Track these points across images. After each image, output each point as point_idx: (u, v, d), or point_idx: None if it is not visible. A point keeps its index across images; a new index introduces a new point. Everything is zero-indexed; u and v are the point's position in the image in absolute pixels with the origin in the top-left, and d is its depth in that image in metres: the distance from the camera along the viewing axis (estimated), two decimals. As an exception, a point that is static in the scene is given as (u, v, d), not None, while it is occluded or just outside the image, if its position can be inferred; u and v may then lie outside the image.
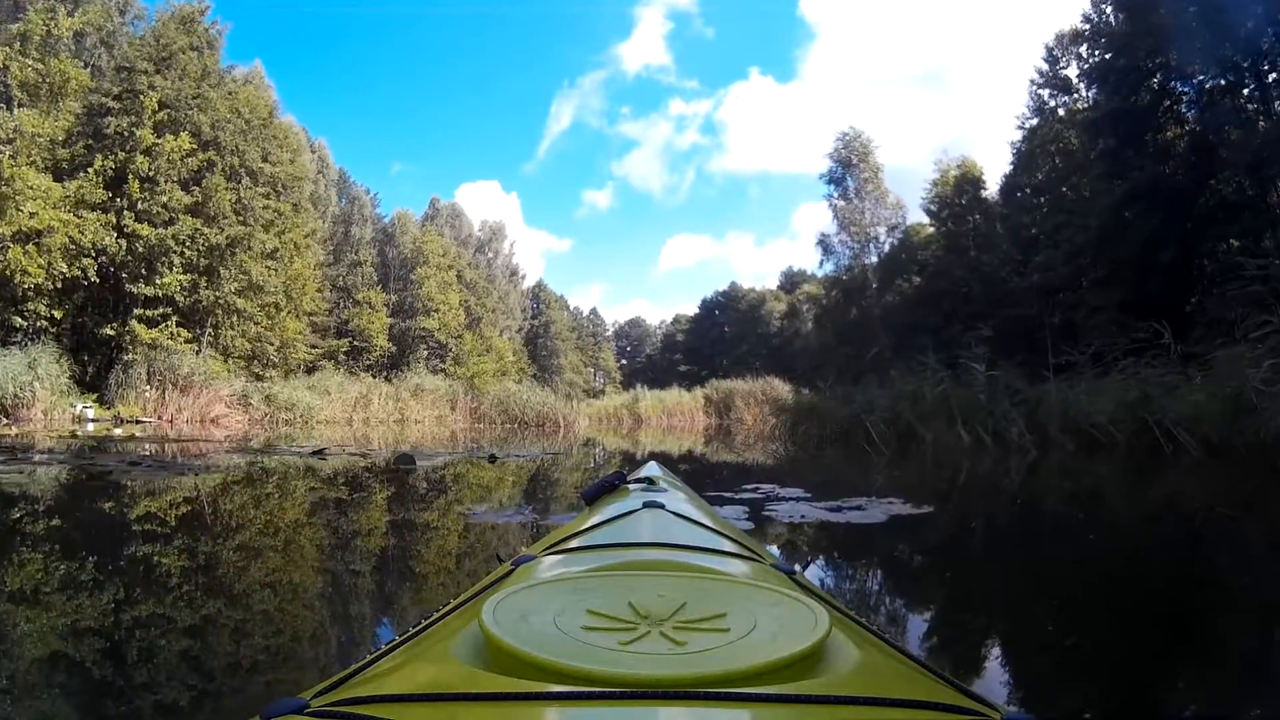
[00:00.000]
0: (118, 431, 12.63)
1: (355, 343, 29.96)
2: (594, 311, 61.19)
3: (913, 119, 64.52)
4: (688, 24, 76.82)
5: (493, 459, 7.25)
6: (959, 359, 9.94)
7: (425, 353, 32.22)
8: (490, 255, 44.85)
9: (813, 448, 10.85)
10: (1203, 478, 6.00)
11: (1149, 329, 9.22)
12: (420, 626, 0.78)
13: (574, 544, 1.00)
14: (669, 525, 1.06)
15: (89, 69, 21.18)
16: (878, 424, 10.17)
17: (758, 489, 4.72)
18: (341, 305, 30.59)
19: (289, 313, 23.15)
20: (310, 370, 24.39)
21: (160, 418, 16.97)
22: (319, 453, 7.52)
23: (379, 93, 70.34)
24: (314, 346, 26.60)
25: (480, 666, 0.58)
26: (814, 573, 2.59)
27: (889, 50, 72.90)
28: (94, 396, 17.74)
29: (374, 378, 24.64)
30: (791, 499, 4.23)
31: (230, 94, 21.49)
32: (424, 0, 60.46)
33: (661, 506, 1.14)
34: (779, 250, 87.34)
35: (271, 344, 22.35)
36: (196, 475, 5.42)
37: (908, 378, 11.12)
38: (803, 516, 3.59)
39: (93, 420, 15.79)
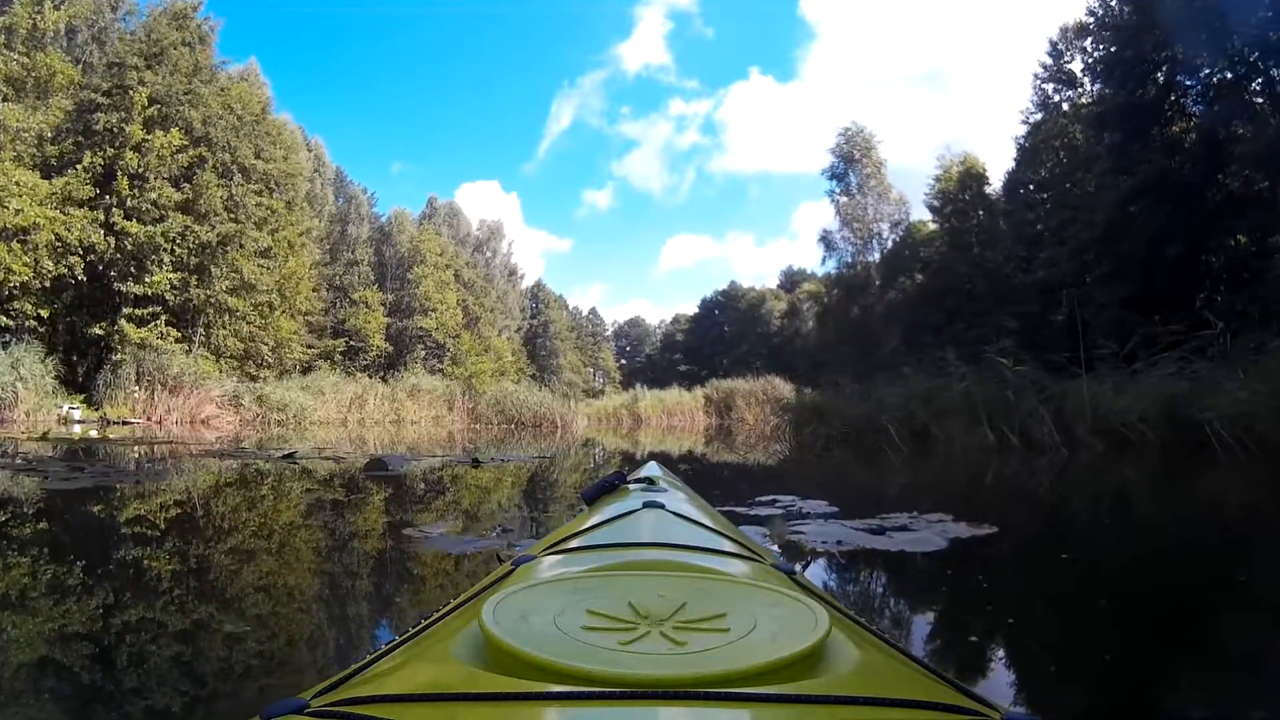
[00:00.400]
0: (92, 433, 12.33)
1: (351, 342, 29.63)
2: (593, 311, 60.95)
3: (913, 119, 64.14)
4: (688, 24, 76.52)
5: (476, 463, 6.76)
6: (983, 353, 9.42)
7: (423, 353, 31.87)
8: (488, 254, 44.49)
9: (820, 449, 10.44)
10: (1248, 476, 5.62)
11: (1198, 318, 8.80)
12: (420, 626, 0.78)
13: (574, 544, 1.00)
14: (669, 525, 1.05)
15: (80, 65, 20.99)
16: (891, 424, 9.62)
17: (775, 501, 4.08)
18: (338, 305, 30.28)
19: (283, 312, 22.85)
20: (306, 370, 24.09)
21: (149, 419, 16.69)
22: (289, 456, 7.04)
23: (379, 93, 70.20)
24: (310, 346, 26.28)
25: (480, 666, 0.58)
26: (815, 573, 2.49)
27: (889, 50, 72.47)
28: (82, 397, 17.48)
29: (370, 378, 24.29)
30: (818, 515, 3.60)
31: (222, 90, 21.20)
32: (424, 0, 60.17)
33: (661, 506, 1.14)
34: (779, 250, 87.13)
35: (265, 344, 22.05)
36: (139, 484, 4.95)
37: (920, 375, 10.70)
38: (839, 542, 2.92)
39: (78, 421, 15.53)
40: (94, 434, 12.02)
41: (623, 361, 60.83)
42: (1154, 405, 7.75)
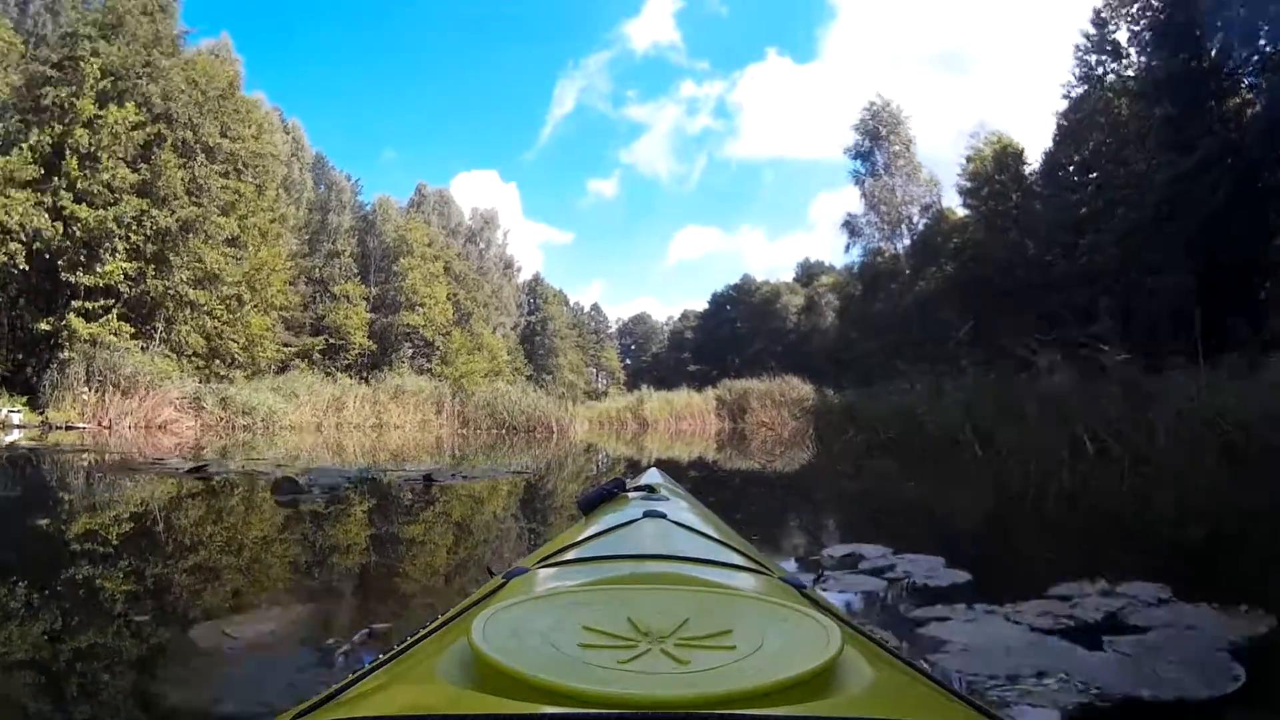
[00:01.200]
0: (9, 438, 10.81)
1: (332, 340, 27.80)
2: (595, 307, 58.92)
3: (938, 103, 61.15)
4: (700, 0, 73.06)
5: (428, 482, 5.41)
6: (1065, 344, 7.95)
7: (409, 351, 30.05)
8: (482, 246, 42.50)
9: (856, 457, 9.29)
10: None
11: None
12: (406, 644, 0.75)
13: (570, 555, 0.97)
14: (671, 536, 1.02)
15: (32, 40, 19.31)
16: (936, 428, 8.43)
17: (858, 557, 2.77)
18: (317, 299, 28.49)
19: (254, 306, 21.14)
20: (281, 370, 22.40)
21: (99, 423, 15.19)
22: (198, 470, 6.25)
23: (369, 76, 66.65)
24: (285, 344, 24.50)
25: (469, 686, 0.55)
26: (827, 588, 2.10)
27: (913, 28, 68.71)
28: (24, 399, 15.92)
29: (351, 378, 22.51)
30: (942, 589, 2.29)
31: (186, 63, 19.44)
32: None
33: (663, 516, 1.10)
34: (793, 244, 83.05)
35: (234, 341, 20.32)
36: None
37: (974, 368, 9.46)
38: (1042, 674, 1.56)
39: (18, 426, 14.37)
40: (8, 439, 10.60)
41: (627, 361, 58.85)
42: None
